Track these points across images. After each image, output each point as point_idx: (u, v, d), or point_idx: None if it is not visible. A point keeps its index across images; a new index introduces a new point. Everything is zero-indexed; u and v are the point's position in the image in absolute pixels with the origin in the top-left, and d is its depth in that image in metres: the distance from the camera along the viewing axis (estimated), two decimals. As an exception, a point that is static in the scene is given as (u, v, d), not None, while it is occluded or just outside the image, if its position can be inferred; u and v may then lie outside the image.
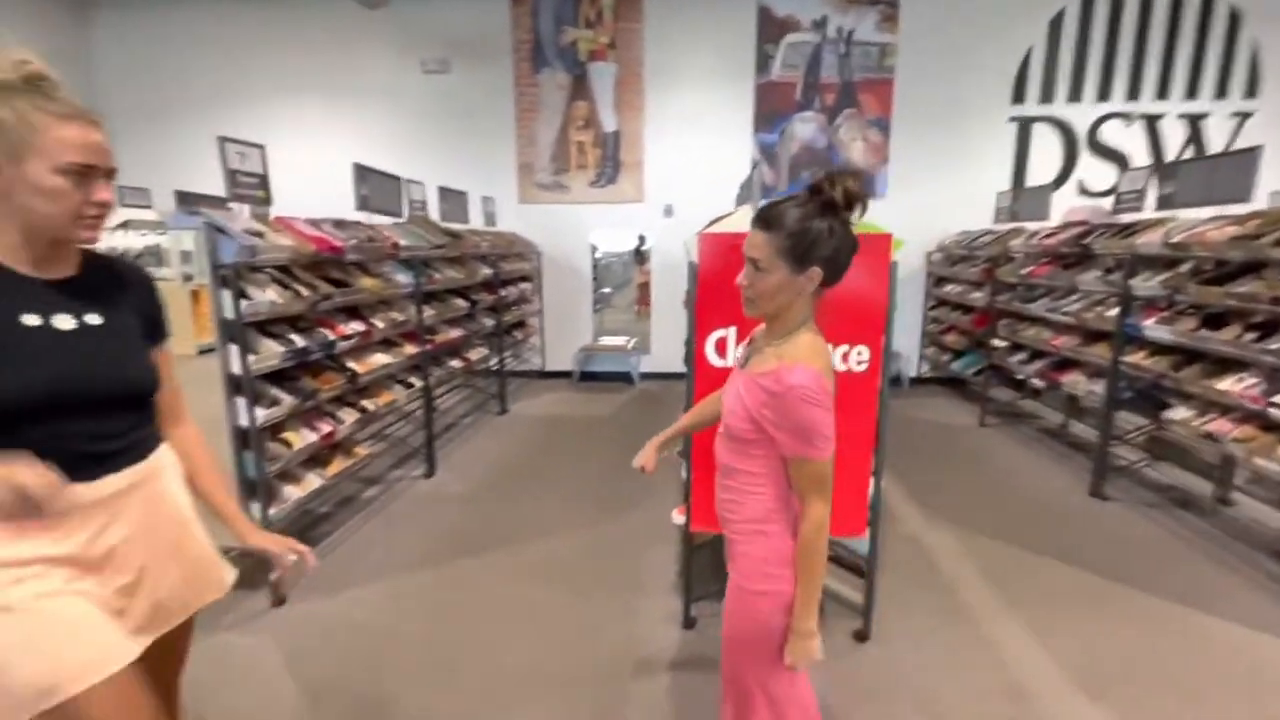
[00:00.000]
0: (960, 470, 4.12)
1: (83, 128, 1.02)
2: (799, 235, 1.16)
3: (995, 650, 2.30)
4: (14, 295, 1.02)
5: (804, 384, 1.15)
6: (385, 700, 2.06)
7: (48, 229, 1.03)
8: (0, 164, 0.98)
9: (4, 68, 1.00)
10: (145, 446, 1.16)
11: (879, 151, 6.29)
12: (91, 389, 1.07)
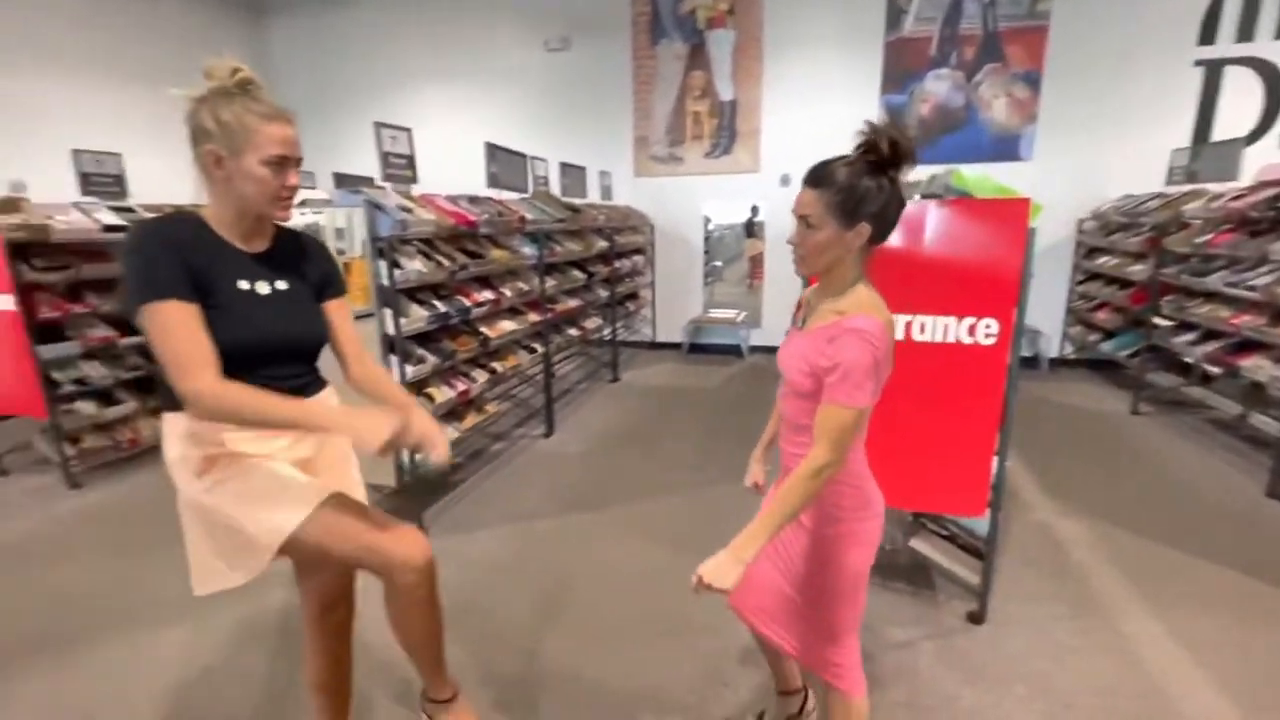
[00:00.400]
0: (1103, 460, 3.77)
1: (282, 126, 1.24)
2: (847, 192, 1.18)
3: (1127, 647, 2.14)
4: (231, 264, 1.27)
5: (867, 328, 1.18)
6: (509, 626, 2.31)
7: (254, 209, 1.26)
8: (224, 157, 1.21)
9: (222, 76, 1.22)
10: (317, 386, 1.43)
11: (1025, 109, 5.70)
12: (281, 342, 1.32)
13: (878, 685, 1.99)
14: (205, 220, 1.26)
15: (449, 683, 1.51)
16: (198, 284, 1.20)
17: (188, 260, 1.20)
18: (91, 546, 2.94)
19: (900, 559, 2.69)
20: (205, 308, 1.21)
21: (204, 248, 1.24)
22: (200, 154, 1.22)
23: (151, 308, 1.15)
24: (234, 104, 1.21)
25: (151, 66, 6.32)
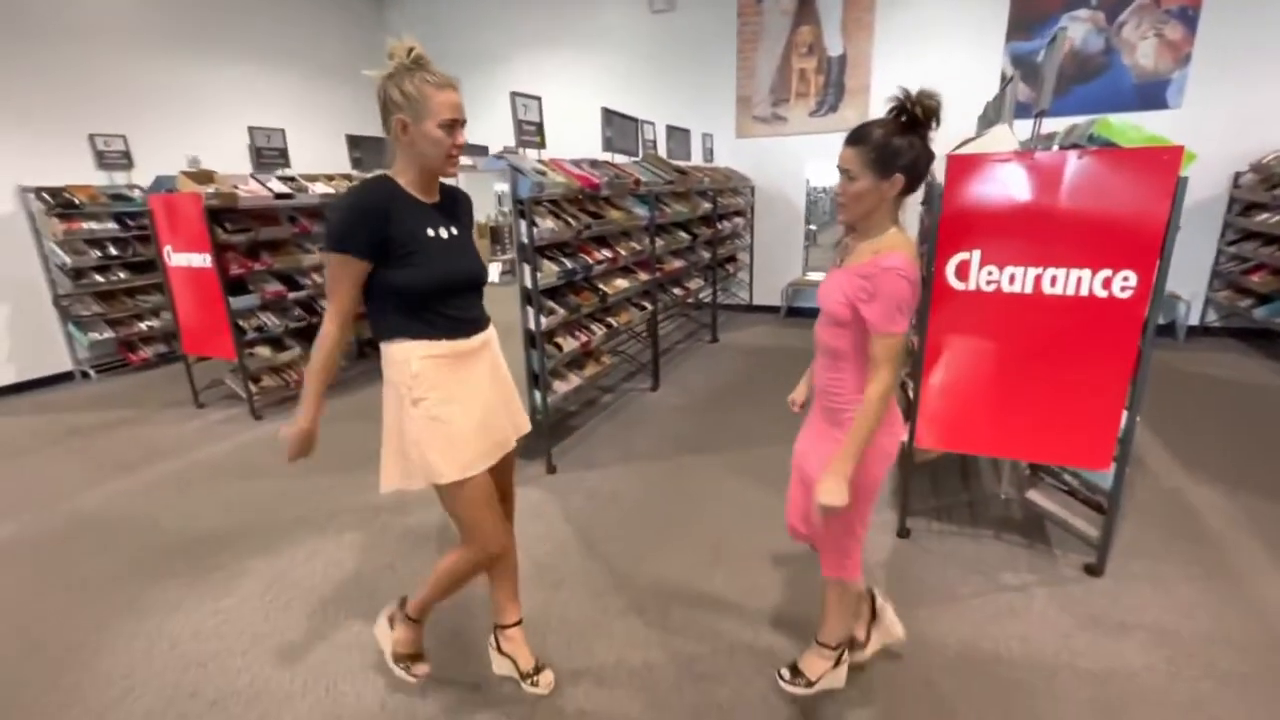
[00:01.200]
0: (1248, 431, 3.53)
1: (450, 93, 1.43)
2: (882, 148, 1.37)
3: (1260, 608, 2.11)
4: (420, 215, 1.49)
5: (900, 265, 1.36)
6: (628, 544, 2.58)
7: (432, 167, 1.48)
8: (409, 123, 1.41)
9: (400, 55, 1.43)
10: (485, 320, 1.67)
11: (1176, 51, 5.18)
12: (462, 277, 1.56)
13: (989, 618, 2.09)
14: (395, 180, 1.48)
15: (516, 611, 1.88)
16: (394, 237, 1.43)
17: (384, 220, 1.42)
18: (276, 468, 3.49)
19: (1014, 512, 2.72)
20: (404, 253, 1.44)
21: (401, 205, 1.46)
22: (391, 123, 1.43)
23: (333, 256, 1.42)
24: (414, 77, 1.40)
25: (289, 50, 6.95)
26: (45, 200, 4.86)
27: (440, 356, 1.52)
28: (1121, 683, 1.82)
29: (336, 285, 1.45)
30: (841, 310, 1.45)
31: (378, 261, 1.44)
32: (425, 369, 1.51)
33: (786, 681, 1.81)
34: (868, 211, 1.43)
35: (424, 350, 1.51)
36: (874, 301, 1.38)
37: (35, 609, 2.33)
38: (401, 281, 1.45)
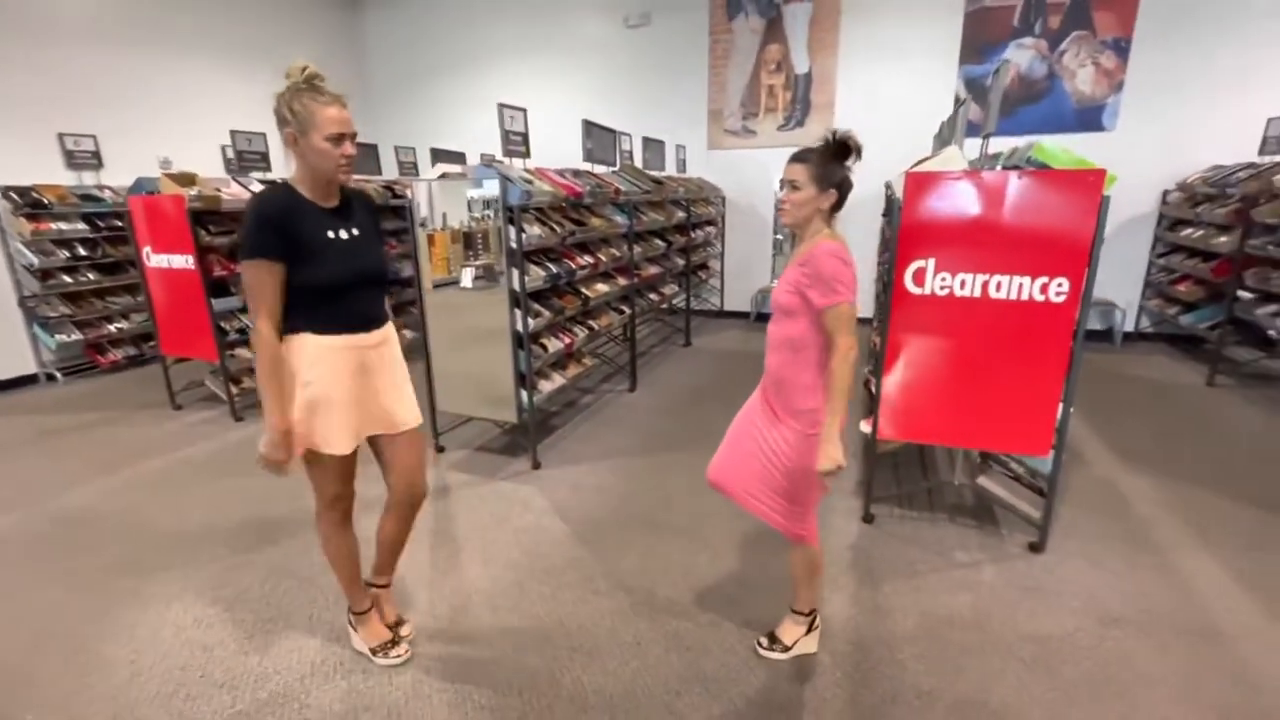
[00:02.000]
0: (1173, 426, 3.88)
1: (338, 109, 1.57)
2: (823, 167, 1.64)
3: (1180, 579, 2.38)
4: (319, 219, 1.64)
5: (831, 248, 1.63)
6: (613, 532, 2.74)
7: (323, 175, 1.62)
8: (297, 136, 1.56)
9: (295, 74, 1.57)
10: (384, 316, 1.82)
11: (1111, 78, 5.62)
12: (362, 274, 1.70)
13: (944, 591, 2.31)
14: (294, 187, 1.63)
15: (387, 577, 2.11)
16: (296, 239, 1.57)
17: (285, 225, 1.56)
18: (253, 468, 3.53)
19: (967, 497, 2.98)
20: (305, 254, 1.59)
21: (299, 210, 1.61)
22: (283, 134, 1.58)
23: (250, 263, 1.56)
24: (303, 96, 1.55)
25: (269, 52, 6.94)
26: (13, 199, 4.79)
27: (338, 348, 1.69)
28: (1058, 642, 2.06)
29: (260, 289, 1.57)
30: (791, 299, 1.69)
31: (286, 261, 1.58)
32: (323, 357, 1.67)
33: (765, 649, 2.00)
34: (808, 218, 1.70)
35: (322, 342, 1.66)
36: (815, 282, 1.63)
37: (36, 600, 2.36)
38: (300, 280, 1.60)
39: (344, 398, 1.71)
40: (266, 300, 1.58)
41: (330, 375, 1.68)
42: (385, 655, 2.01)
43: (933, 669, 1.95)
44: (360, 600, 2.02)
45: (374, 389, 1.79)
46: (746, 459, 1.87)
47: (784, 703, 1.83)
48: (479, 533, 2.78)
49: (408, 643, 2.07)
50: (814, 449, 1.69)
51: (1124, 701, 1.81)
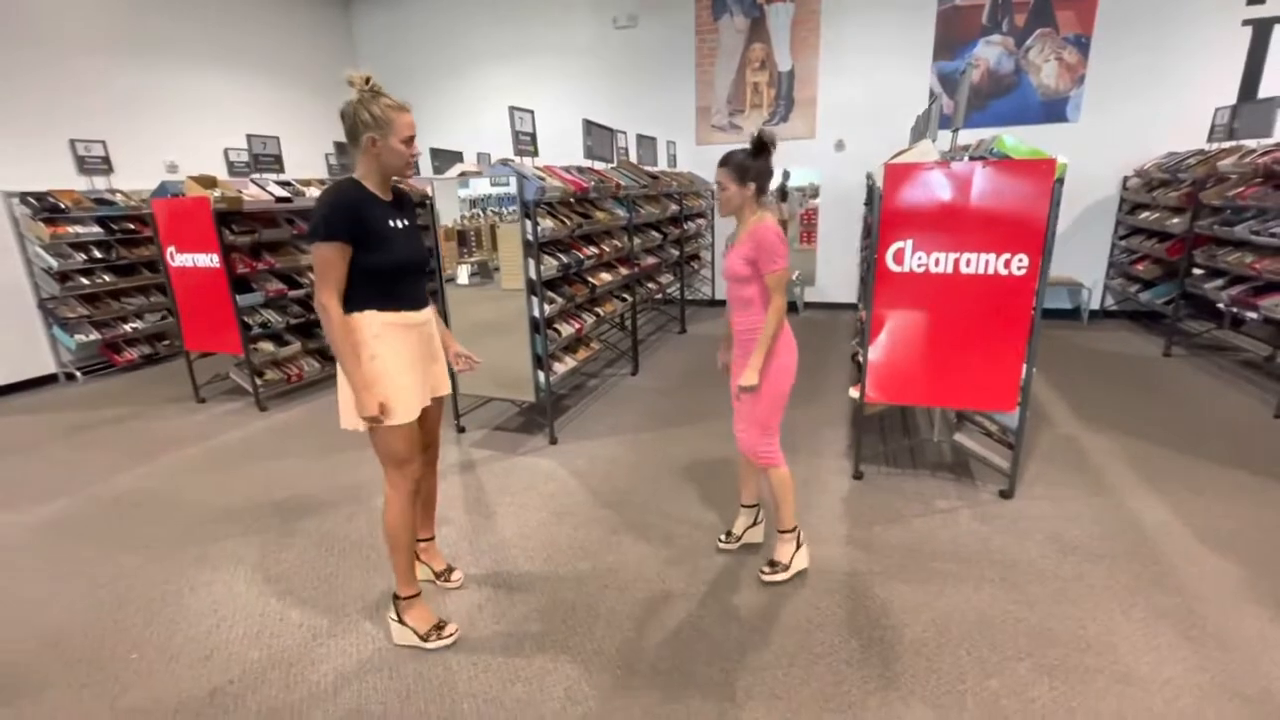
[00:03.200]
0: (1131, 391, 4.26)
1: (409, 115, 1.82)
2: (740, 166, 2.07)
3: (1130, 516, 2.72)
4: (382, 210, 1.85)
5: (771, 227, 2.08)
6: (629, 494, 3.03)
7: (391, 172, 1.85)
8: (377, 139, 1.78)
9: (359, 83, 1.78)
10: (427, 298, 2.04)
11: (1073, 72, 6.00)
12: (414, 261, 1.93)
13: (926, 531, 2.64)
14: (361, 182, 1.83)
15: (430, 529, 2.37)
16: (365, 226, 1.77)
17: (357, 213, 1.76)
18: (297, 450, 3.78)
19: (945, 455, 3.31)
20: (374, 241, 1.79)
21: (367, 201, 1.81)
22: (361, 139, 1.77)
23: (323, 245, 1.74)
24: (378, 102, 1.77)
25: (264, 57, 7.11)
26: (31, 204, 4.95)
27: (396, 325, 1.89)
28: (1024, 565, 2.39)
29: (329, 268, 1.76)
30: (743, 269, 2.13)
31: (356, 246, 1.77)
32: (383, 334, 1.87)
33: (768, 574, 2.32)
34: (739, 207, 2.14)
35: (385, 319, 1.87)
36: (760, 254, 2.07)
37: (110, 568, 2.60)
38: (370, 264, 1.80)
39: (406, 369, 1.92)
40: (334, 278, 1.77)
41: (391, 350, 1.88)
42: (438, 637, 2.08)
43: (918, 590, 2.27)
44: (412, 583, 2.11)
45: (425, 361, 2.03)
46: (740, 415, 2.28)
47: (792, 620, 2.14)
48: (509, 498, 3.06)
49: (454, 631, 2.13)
50: (771, 379, 2.17)
51: (1079, 608, 2.15)
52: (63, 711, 1.86)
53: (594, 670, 1.95)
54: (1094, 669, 1.88)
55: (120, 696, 1.92)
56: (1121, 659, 1.91)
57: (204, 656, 2.07)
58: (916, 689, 1.83)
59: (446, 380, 2.18)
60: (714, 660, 1.97)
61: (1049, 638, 2.01)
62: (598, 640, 2.08)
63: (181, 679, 1.98)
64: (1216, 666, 1.87)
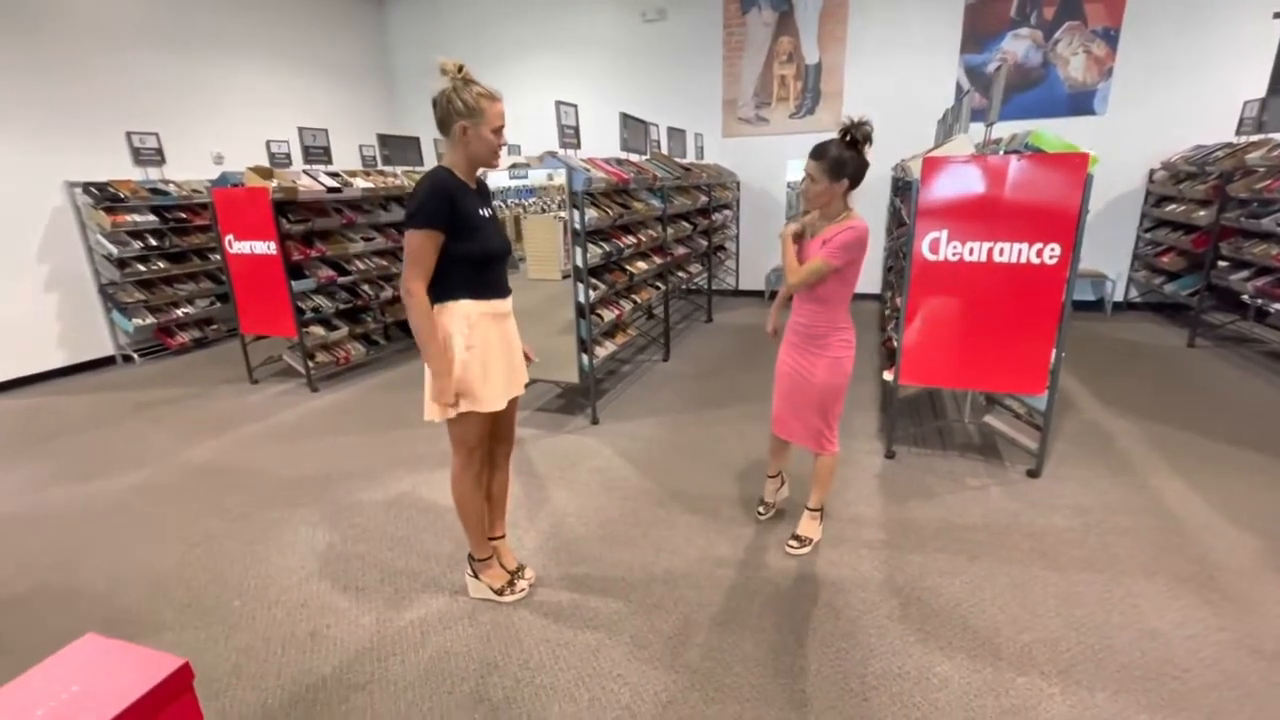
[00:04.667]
0: (1154, 380, 4.36)
1: (501, 105, 1.81)
2: (835, 160, 2.06)
3: (1153, 495, 2.86)
4: (472, 198, 1.86)
5: (861, 227, 2.11)
6: (671, 469, 3.20)
7: (480, 161, 1.85)
8: (469, 128, 1.78)
9: (451, 70, 1.76)
10: (509, 287, 2.05)
11: (1101, 65, 6.05)
12: (501, 249, 1.96)
13: (959, 505, 2.79)
14: (452, 170, 1.84)
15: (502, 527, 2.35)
16: (461, 214, 1.78)
17: (455, 200, 1.77)
18: (351, 427, 4.00)
19: (974, 437, 3.46)
20: (467, 229, 1.80)
21: (461, 190, 1.82)
22: (453, 127, 1.76)
23: (419, 232, 1.75)
24: (470, 90, 1.75)
25: (302, 52, 7.32)
26: (92, 194, 5.20)
27: (487, 314, 1.92)
28: (1052, 537, 2.54)
29: (422, 255, 1.77)
30: None
31: (449, 234, 1.78)
32: (479, 322, 1.89)
33: (795, 548, 2.50)
34: (826, 203, 2.15)
35: (478, 308, 1.89)
36: (836, 241, 2.10)
37: (197, 530, 2.83)
38: (463, 251, 1.80)
39: (498, 359, 1.94)
40: (425, 265, 1.78)
41: (485, 340, 1.90)
42: (511, 590, 2.23)
43: (953, 557, 2.43)
44: (485, 548, 2.22)
45: (512, 352, 2.05)
46: (802, 407, 2.40)
47: (836, 581, 2.31)
48: (560, 473, 3.25)
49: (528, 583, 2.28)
50: (840, 371, 2.29)
51: (1105, 574, 2.30)
52: (182, 648, 2.08)
53: (656, 620, 2.13)
54: (1120, 625, 2.03)
55: (230, 636, 2.13)
56: (1145, 617, 2.07)
57: (300, 604, 2.29)
58: (955, 640, 2.00)
59: (525, 372, 2.17)
60: (765, 614, 2.15)
61: (1076, 599, 2.17)
62: (657, 596, 2.27)
63: (282, 622, 2.19)
64: (1236, 625, 2.02)
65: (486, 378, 1.92)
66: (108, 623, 2.22)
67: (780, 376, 2.47)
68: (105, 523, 2.92)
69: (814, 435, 2.43)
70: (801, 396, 2.40)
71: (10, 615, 2.28)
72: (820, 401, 2.35)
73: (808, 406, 2.39)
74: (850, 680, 1.85)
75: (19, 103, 4.87)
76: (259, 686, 1.91)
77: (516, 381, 2.09)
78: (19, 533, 2.86)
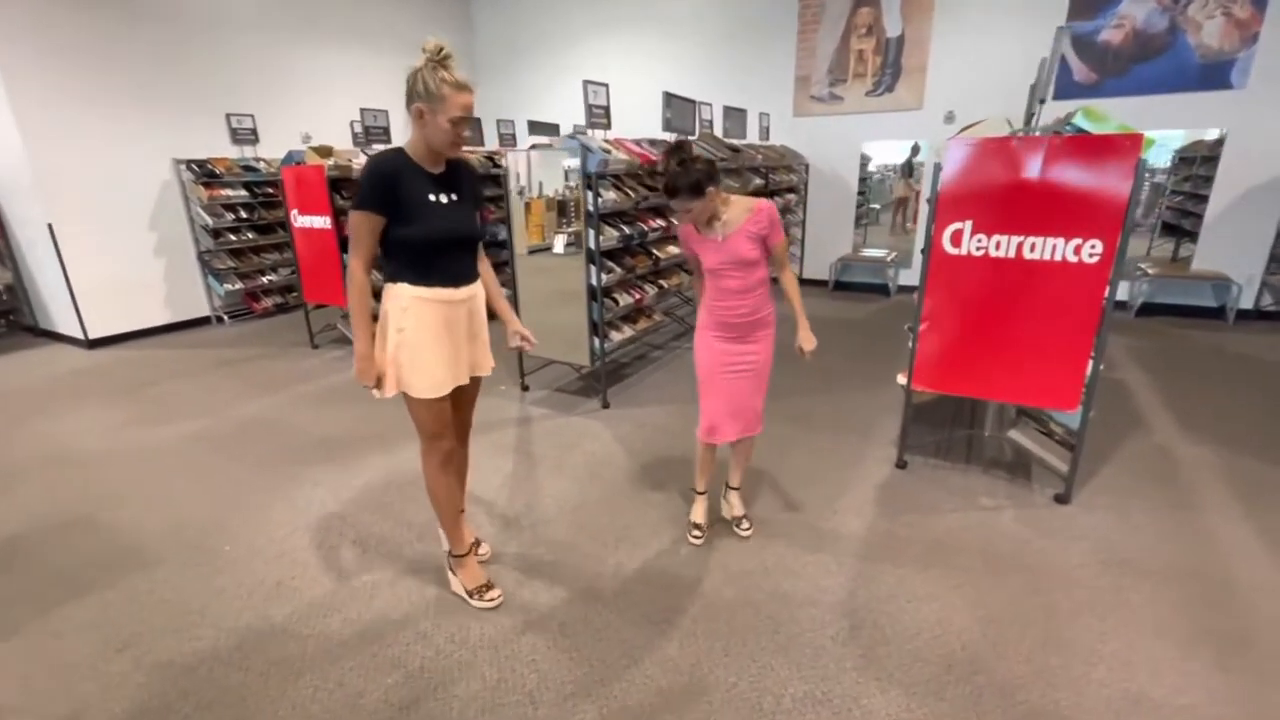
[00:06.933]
0: (1257, 404, 3.71)
1: (466, 96, 1.72)
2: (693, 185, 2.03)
3: (1203, 537, 2.45)
4: (424, 182, 1.80)
5: (767, 204, 2.17)
6: (666, 458, 3.13)
7: (437, 149, 1.79)
8: (425, 111, 1.71)
9: (431, 50, 1.68)
10: (474, 274, 1.99)
11: (1244, 29, 5.14)
12: (455, 236, 1.85)
13: (959, 527, 2.53)
14: (407, 152, 1.80)
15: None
16: (399, 199, 1.74)
17: (393, 185, 1.74)
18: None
19: (1006, 452, 3.12)
20: (406, 213, 1.75)
21: (408, 173, 1.78)
22: (412, 108, 1.73)
23: (357, 213, 1.75)
24: (437, 74, 1.68)
25: (393, 34, 7.70)
26: (194, 170, 5.79)
27: (426, 299, 1.85)
28: (1058, 573, 2.25)
29: (361, 236, 1.77)
30: (751, 252, 2.16)
31: (389, 217, 1.76)
32: (413, 306, 1.84)
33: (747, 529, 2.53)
34: (713, 214, 2.15)
35: (415, 293, 1.84)
36: (772, 228, 2.15)
37: (228, 476, 3.12)
38: (401, 236, 1.77)
39: (432, 347, 1.88)
40: (364, 246, 1.79)
41: (419, 324, 1.85)
42: (480, 598, 2.14)
43: (931, 582, 2.22)
44: (460, 543, 2.16)
45: (459, 341, 1.96)
46: (745, 397, 2.34)
47: (789, 594, 2.17)
48: (553, 453, 3.28)
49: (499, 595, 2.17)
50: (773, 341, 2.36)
51: (1105, 622, 2.00)
52: (170, 584, 2.31)
53: (591, 611, 2.11)
54: (1099, 682, 1.77)
55: (213, 578, 2.34)
56: (1134, 677, 1.78)
57: (278, 555, 2.47)
58: (897, 672, 1.82)
59: (488, 360, 2.12)
60: (702, 619, 2.06)
61: (1058, 645, 1.91)
62: (600, 588, 2.23)
63: (258, 570, 2.38)
64: (1248, 701, 1.70)
65: (415, 364, 1.88)
66: (122, 552, 2.50)
67: (714, 379, 2.31)
68: (157, 464, 3.28)
69: (755, 419, 2.40)
70: (746, 386, 2.32)
71: (51, 539, 2.63)
72: (763, 380, 2.37)
73: (754, 394, 2.36)
74: (765, 700, 1.74)
75: (136, 87, 5.49)
76: (217, 626, 2.09)
77: (462, 371, 2.01)
78: (89, 466, 3.28)
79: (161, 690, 1.83)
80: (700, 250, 2.22)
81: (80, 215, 5.25)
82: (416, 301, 1.85)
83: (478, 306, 2.02)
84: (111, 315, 5.57)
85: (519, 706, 1.74)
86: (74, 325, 5.41)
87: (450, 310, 1.91)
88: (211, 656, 1.96)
